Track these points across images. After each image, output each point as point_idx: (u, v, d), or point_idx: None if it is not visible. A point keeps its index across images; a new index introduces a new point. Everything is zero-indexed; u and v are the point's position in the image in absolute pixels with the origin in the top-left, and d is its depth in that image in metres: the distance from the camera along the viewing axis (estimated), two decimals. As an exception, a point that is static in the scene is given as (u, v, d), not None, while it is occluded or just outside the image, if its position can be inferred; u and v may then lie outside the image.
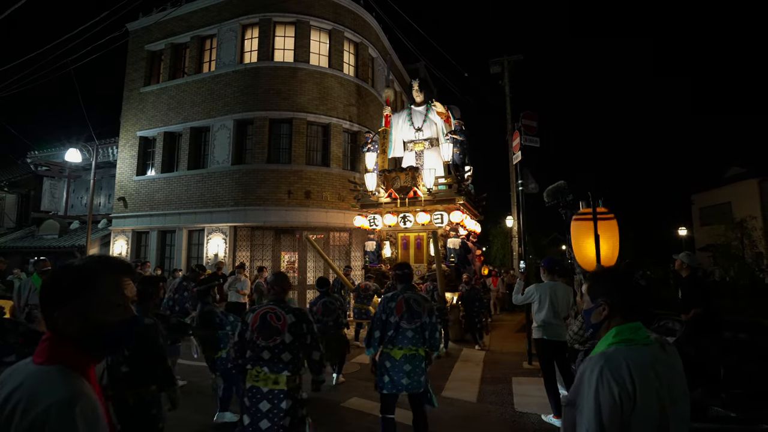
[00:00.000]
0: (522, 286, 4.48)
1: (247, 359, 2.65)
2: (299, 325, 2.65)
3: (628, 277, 1.39)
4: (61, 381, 0.87)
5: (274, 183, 11.16)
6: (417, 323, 3.16)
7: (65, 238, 13.97)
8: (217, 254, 11.13)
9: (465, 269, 8.97)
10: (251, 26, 12.08)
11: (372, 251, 9.81)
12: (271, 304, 2.71)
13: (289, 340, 2.59)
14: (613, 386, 1.15)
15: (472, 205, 10.59)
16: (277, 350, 2.58)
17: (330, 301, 5.22)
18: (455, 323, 8.27)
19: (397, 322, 3.14)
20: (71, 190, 15.81)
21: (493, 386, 5.34)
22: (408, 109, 11.02)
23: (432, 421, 4.18)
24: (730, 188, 22.43)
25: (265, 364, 2.58)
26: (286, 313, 2.65)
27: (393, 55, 15.61)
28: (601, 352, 1.26)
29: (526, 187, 6.78)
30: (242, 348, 2.68)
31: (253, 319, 2.66)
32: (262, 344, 2.59)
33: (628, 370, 1.17)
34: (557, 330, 4.04)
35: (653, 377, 1.18)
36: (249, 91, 11.57)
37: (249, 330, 2.64)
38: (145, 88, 13.19)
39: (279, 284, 2.80)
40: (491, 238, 21.58)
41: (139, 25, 13.56)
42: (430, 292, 7.40)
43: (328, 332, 5.05)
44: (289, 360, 2.59)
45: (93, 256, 1.04)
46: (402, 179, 9.53)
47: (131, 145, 13.16)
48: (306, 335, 2.67)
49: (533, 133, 6.74)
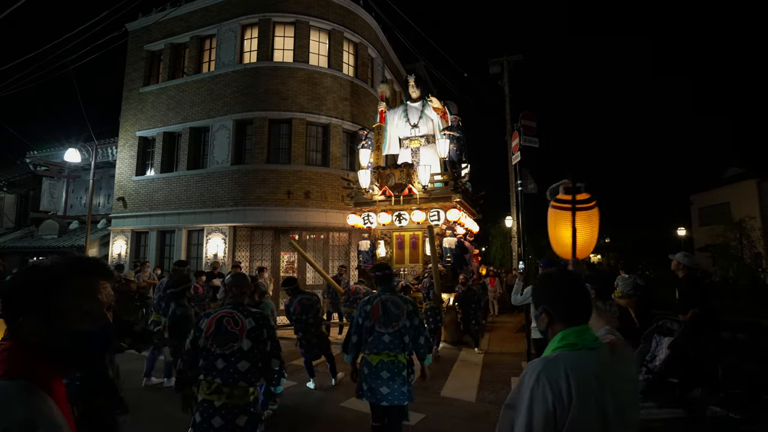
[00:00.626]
0: (521, 286, 4.49)
1: (198, 369, 2.39)
2: (259, 330, 2.42)
3: (568, 283, 1.33)
4: (21, 399, 0.75)
5: (273, 183, 11.16)
6: (395, 327, 2.96)
7: (64, 238, 13.97)
8: (217, 254, 11.13)
9: (462, 269, 8.80)
10: (251, 26, 12.08)
11: (366, 251, 9.49)
12: (229, 308, 2.46)
13: (247, 347, 2.36)
14: (548, 393, 1.11)
15: (469, 204, 10.36)
16: (234, 359, 2.33)
17: (306, 298, 5.04)
18: (452, 325, 8.10)
19: (372, 326, 2.97)
20: (70, 190, 15.80)
21: (492, 386, 5.35)
22: (404, 105, 10.72)
23: (431, 422, 4.20)
24: (729, 188, 22.46)
25: (219, 375, 2.32)
26: (245, 317, 2.42)
27: (390, 51, 15.56)
28: (542, 357, 1.24)
29: (525, 188, 6.78)
30: (194, 357, 2.41)
31: (207, 324, 2.41)
32: (217, 352, 2.34)
33: (566, 376, 1.12)
34: None
35: (594, 384, 1.13)
36: (248, 92, 11.57)
37: (203, 336, 2.39)
38: (144, 88, 13.19)
39: (238, 286, 2.57)
40: (491, 238, 21.59)
41: (139, 25, 13.56)
42: (427, 289, 7.28)
43: (309, 330, 4.96)
44: (246, 370, 2.34)
45: (64, 256, 0.93)
46: (396, 176, 9.27)
47: (130, 145, 13.15)
48: (266, 341, 2.44)
49: (532, 133, 6.75)
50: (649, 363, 4.31)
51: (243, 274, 2.73)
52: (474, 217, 11.14)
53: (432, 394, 4.98)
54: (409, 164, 9.38)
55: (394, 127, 10.65)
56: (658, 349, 4.40)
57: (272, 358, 2.47)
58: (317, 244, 11.72)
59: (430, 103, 10.14)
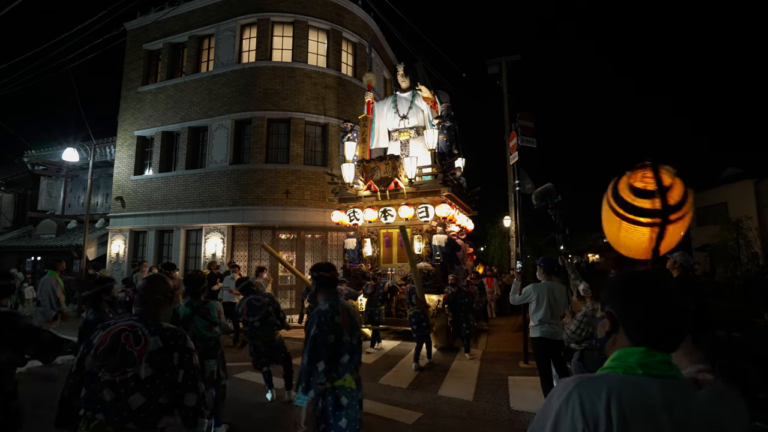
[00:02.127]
0: (519, 285, 4.52)
1: (81, 399, 1.74)
2: (167, 354, 1.78)
3: (659, 289, 0.93)
4: None
5: (272, 183, 11.17)
6: (357, 335, 2.41)
7: (62, 238, 13.95)
8: (215, 254, 11.14)
9: (453, 269, 8.24)
10: (249, 26, 12.09)
11: (352, 249, 8.98)
12: (133, 320, 1.84)
13: (145, 375, 1.72)
14: (578, 420, 0.83)
15: (463, 199, 9.78)
16: (124, 390, 1.69)
17: (256, 299, 4.55)
18: (442, 330, 7.55)
19: (350, 341, 2.34)
20: (68, 189, 15.78)
21: (489, 385, 5.38)
22: (393, 96, 10.04)
23: (428, 419, 4.22)
24: (726, 189, 22.55)
25: (103, 410, 1.68)
26: (151, 334, 1.79)
27: (389, 50, 15.55)
28: (580, 375, 0.95)
29: (523, 188, 6.81)
30: (79, 381, 1.77)
31: (102, 338, 1.79)
32: (105, 378, 1.70)
33: (606, 402, 0.82)
34: (554, 329, 4.09)
35: (655, 423, 0.80)
36: (247, 91, 11.58)
37: (92, 354, 1.76)
38: (142, 87, 13.18)
39: (150, 292, 1.94)
40: (489, 237, 21.63)
41: (137, 25, 13.55)
42: (408, 293, 6.76)
43: (256, 334, 4.49)
44: (139, 407, 1.69)
45: None
46: (382, 170, 8.59)
47: (129, 145, 13.14)
48: (176, 369, 1.79)
49: (530, 133, 6.78)
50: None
51: (159, 275, 2.10)
52: (469, 214, 10.66)
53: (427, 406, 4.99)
54: (395, 156, 8.65)
55: (383, 119, 10.05)
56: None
57: (186, 392, 1.80)
58: (315, 244, 11.74)
59: (420, 93, 9.55)
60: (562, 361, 4.04)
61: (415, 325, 6.43)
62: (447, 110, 9.06)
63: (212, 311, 3.70)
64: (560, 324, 4.11)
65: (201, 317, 3.62)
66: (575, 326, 3.23)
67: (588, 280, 4.18)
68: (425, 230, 8.54)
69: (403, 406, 4.60)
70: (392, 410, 4.48)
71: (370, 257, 9.10)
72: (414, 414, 4.35)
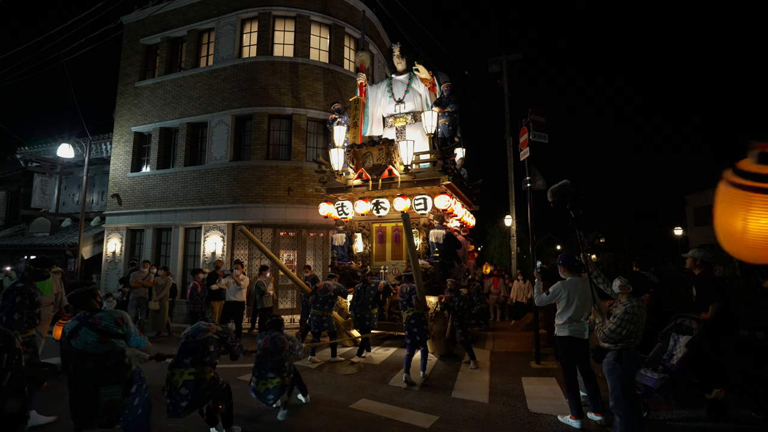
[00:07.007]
0: (541, 286, 4.36)
1: None
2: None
3: None
4: None
5: (273, 180, 10.97)
6: None
7: (56, 236, 13.65)
8: (215, 252, 10.91)
9: (453, 267, 7.61)
10: (250, 20, 11.88)
11: (341, 245, 8.29)
12: None
13: None
14: None
15: (464, 192, 9.09)
16: None
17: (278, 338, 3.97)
18: (440, 336, 6.68)
19: None
20: (63, 187, 15.44)
21: (503, 387, 5.23)
22: (388, 79, 9.20)
23: (445, 423, 4.06)
24: (725, 189, 22.70)
25: None
26: None
27: (385, 38, 15.26)
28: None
29: (534, 184, 6.67)
30: None
31: None
32: None
33: None
34: (582, 327, 3.94)
35: None
36: (248, 86, 11.37)
37: None
38: (140, 82, 12.91)
39: None
40: (489, 237, 21.53)
41: (135, 18, 13.28)
42: (406, 295, 5.89)
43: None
44: None
45: None
46: (375, 156, 7.75)
47: (126, 141, 12.87)
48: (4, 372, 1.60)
49: (542, 129, 6.64)
50: (667, 362, 4.21)
51: None
52: (470, 208, 9.87)
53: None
54: (388, 141, 7.73)
55: (377, 105, 9.22)
56: (675, 347, 4.31)
57: (7, 397, 1.61)
58: (317, 242, 11.55)
59: (417, 74, 8.69)
60: (587, 361, 3.90)
61: (416, 327, 5.59)
62: (448, 90, 8.35)
63: (106, 320, 2.71)
64: (586, 323, 3.97)
65: (89, 328, 2.66)
66: (615, 324, 3.08)
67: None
68: (422, 224, 7.74)
69: (417, 409, 4.44)
70: (407, 413, 4.31)
71: (361, 254, 8.30)
72: (431, 417, 4.20)
